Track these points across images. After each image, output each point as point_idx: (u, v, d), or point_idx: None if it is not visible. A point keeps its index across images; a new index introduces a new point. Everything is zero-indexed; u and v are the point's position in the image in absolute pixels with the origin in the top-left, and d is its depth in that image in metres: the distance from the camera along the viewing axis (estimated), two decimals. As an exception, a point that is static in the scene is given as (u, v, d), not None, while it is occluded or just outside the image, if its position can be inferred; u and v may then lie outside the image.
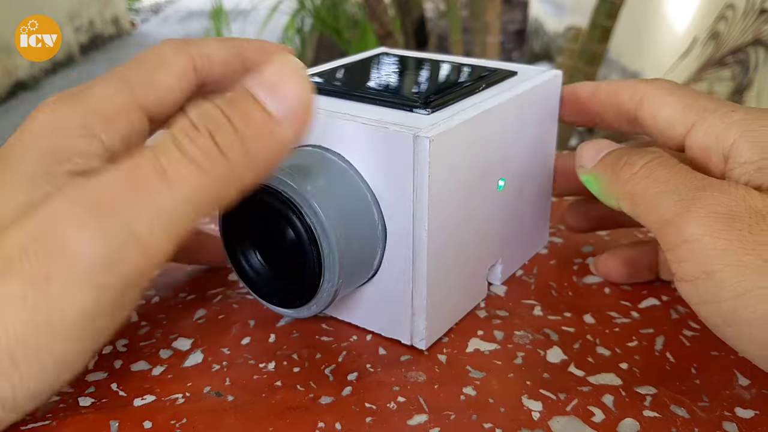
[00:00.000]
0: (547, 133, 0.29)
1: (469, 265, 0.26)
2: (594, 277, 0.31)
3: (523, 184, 0.29)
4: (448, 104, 0.25)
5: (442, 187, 0.23)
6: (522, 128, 0.27)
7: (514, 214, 0.28)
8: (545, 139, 0.29)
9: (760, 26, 1.22)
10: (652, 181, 0.22)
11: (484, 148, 0.25)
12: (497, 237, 0.28)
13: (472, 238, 0.26)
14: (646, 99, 0.26)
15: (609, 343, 0.26)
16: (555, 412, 0.22)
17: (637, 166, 0.23)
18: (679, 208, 0.20)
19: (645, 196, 0.22)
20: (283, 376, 0.24)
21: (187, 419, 0.22)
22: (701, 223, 0.20)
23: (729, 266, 0.19)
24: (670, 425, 0.22)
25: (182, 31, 3.62)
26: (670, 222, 0.21)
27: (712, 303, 0.20)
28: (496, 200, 0.27)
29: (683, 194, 0.21)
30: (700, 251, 0.20)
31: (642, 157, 0.23)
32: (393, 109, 0.24)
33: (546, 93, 0.29)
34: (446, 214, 0.24)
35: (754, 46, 1.25)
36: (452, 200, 0.24)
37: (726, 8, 1.31)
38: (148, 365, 0.25)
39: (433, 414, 0.22)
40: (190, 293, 0.30)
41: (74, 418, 0.22)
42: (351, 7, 2.60)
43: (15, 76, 2.63)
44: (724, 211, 0.20)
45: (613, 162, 0.24)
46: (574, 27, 1.48)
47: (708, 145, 0.23)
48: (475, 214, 0.26)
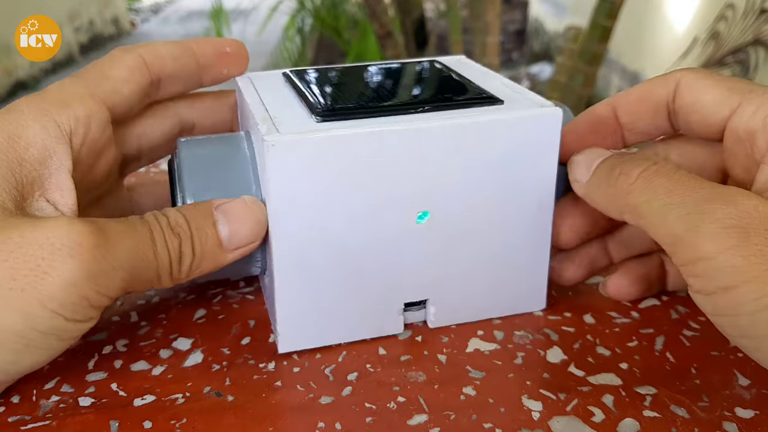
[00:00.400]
0: (534, 179, 0.25)
1: (361, 290, 0.25)
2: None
3: (478, 228, 0.25)
4: (355, 117, 0.23)
5: (297, 196, 0.23)
6: (472, 165, 0.24)
7: (456, 257, 0.25)
8: (530, 185, 0.25)
9: (760, 26, 1.22)
10: (653, 192, 0.21)
11: (383, 171, 0.23)
12: (418, 274, 0.25)
13: (365, 263, 0.24)
14: (684, 85, 0.24)
15: (609, 343, 0.26)
16: (555, 412, 0.22)
17: (634, 176, 0.22)
18: (688, 224, 0.20)
19: (649, 208, 0.21)
20: (283, 375, 0.24)
21: (187, 419, 0.22)
22: (714, 240, 0.19)
23: (747, 282, 0.19)
24: (670, 425, 0.22)
25: (182, 31, 3.62)
26: (681, 238, 0.20)
27: (729, 317, 0.20)
28: (412, 233, 0.24)
29: (690, 207, 0.20)
30: (716, 269, 0.19)
31: (637, 165, 0.22)
32: (307, 112, 0.24)
33: (531, 134, 0.24)
34: (306, 227, 0.23)
35: (754, 46, 1.24)
36: (315, 214, 0.23)
37: (726, 8, 1.31)
38: (148, 365, 0.25)
39: (433, 414, 0.22)
40: (190, 293, 0.30)
41: (74, 418, 0.22)
42: (351, 7, 2.60)
43: (15, 76, 2.63)
44: (736, 224, 0.19)
45: (607, 173, 0.23)
46: (574, 27, 1.48)
47: (754, 128, 0.22)
48: (369, 238, 0.24)
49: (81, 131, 0.23)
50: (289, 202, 0.23)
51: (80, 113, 0.23)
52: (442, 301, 0.26)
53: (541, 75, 2.72)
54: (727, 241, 0.19)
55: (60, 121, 0.23)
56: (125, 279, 0.21)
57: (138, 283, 0.22)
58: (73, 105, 0.23)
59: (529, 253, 0.26)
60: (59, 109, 0.23)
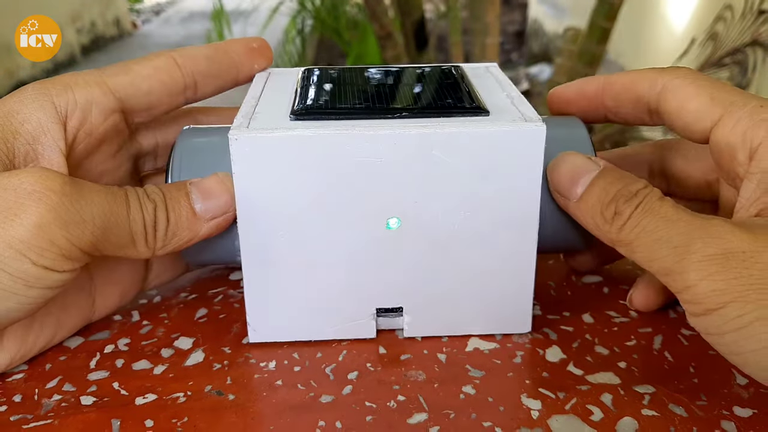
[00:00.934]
0: (514, 195, 0.24)
1: (329, 291, 0.25)
2: (593, 277, 0.31)
3: (454, 240, 0.24)
4: (328, 118, 0.23)
5: (262, 192, 0.23)
6: (445, 176, 0.23)
7: (431, 267, 0.25)
8: (510, 200, 0.24)
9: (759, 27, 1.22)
10: (642, 230, 0.22)
11: (349, 175, 0.23)
12: (390, 281, 0.25)
13: (333, 264, 0.24)
14: (669, 91, 0.24)
15: (608, 342, 0.26)
16: (554, 411, 0.22)
17: (626, 216, 0.22)
18: (675, 256, 0.21)
19: (640, 244, 0.22)
20: (283, 375, 0.24)
21: (188, 418, 0.22)
22: (697, 269, 0.20)
23: (729, 303, 0.20)
24: (669, 424, 0.22)
25: (183, 32, 3.62)
26: (671, 270, 0.21)
27: (716, 335, 0.21)
28: (381, 239, 0.24)
29: (676, 241, 0.21)
30: (701, 294, 0.20)
31: (629, 203, 0.22)
32: (290, 110, 0.24)
33: (511, 148, 0.23)
34: (272, 223, 0.24)
35: (753, 47, 1.25)
36: (281, 211, 0.23)
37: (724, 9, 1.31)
38: (150, 364, 0.25)
39: (433, 413, 0.22)
40: (192, 293, 0.30)
41: (76, 417, 0.22)
42: (351, 8, 2.60)
43: (17, 77, 2.63)
44: (715, 252, 0.20)
45: (602, 209, 0.23)
46: (573, 28, 1.48)
47: (734, 143, 0.22)
48: (336, 241, 0.24)
49: (78, 114, 0.24)
50: (255, 198, 0.23)
51: (80, 97, 0.24)
52: (417, 311, 0.26)
53: (541, 76, 2.72)
54: (709, 269, 0.20)
55: (57, 102, 0.24)
56: (96, 234, 0.21)
57: (111, 244, 0.22)
58: (75, 89, 0.24)
59: (512, 271, 0.25)
60: (59, 91, 0.24)
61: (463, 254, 0.25)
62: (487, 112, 0.24)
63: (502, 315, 0.26)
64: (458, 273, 0.25)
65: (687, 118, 0.24)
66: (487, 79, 0.29)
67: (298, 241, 0.24)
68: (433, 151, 0.23)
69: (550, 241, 0.26)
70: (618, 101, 0.26)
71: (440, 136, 0.23)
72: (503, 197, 0.24)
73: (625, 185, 0.23)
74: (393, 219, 0.24)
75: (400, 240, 0.24)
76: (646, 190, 0.22)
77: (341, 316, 0.26)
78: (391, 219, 0.24)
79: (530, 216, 0.24)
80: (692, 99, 0.24)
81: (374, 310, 0.26)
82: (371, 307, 0.26)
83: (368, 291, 0.25)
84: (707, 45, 1.33)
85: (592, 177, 0.23)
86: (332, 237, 0.24)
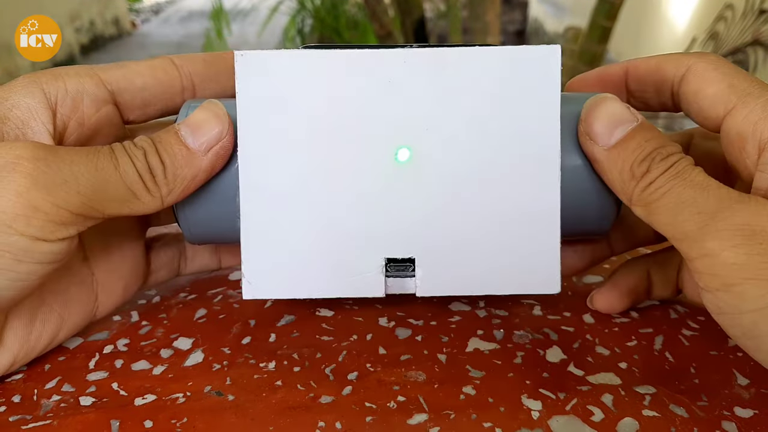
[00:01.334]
0: (532, 128, 0.23)
1: (335, 236, 0.23)
2: (594, 277, 0.31)
3: (468, 178, 0.23)
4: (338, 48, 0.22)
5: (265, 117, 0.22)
6: (457, 104, 0.22)
7: (444, 211, 0.23)
8: (528, 134, 0.23)
9: (759, 27, 1.22)
10: (668, 190, 0.21)
11: (356, 100, 0.22)
12: (401, 225, 0.23)
13: (339, 203, 0.23)
14: (691, 72, 0.24)
15: (608, 342, 0.26)
16: (554, 412, 0.22)
17: (655, 174, 0.21)
18: (698, 222, 0.20)
19: (662, 205, 0.21)
20: (283, 375, 0.24)
21: (187, 418, 0.22)
22: (719, 238, 0.19)
23: (749, 280, 0.19)
24: (670, 425, 0.22)
25: (183, 31, 3.62)
26: (689, 235, 0.20)
27: (731, 315, 0.20)
28: (391, 174, 0.23)
29: (701, 207, 0.20)
30: (720, 266, 0.19)
31: (662, 163, 0.22)
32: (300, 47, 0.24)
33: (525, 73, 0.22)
34: (273, 154, 0.23)
35: (753, 46, 1.25)
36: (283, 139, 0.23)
37: (725, 9, 1.31)
38: (149, 365, 0.25)
39: (433, 413, 0.22)
40: (191, 293, 0.30)
41: (75, 418, 0.22)
42: (351, 8, 2.60)
43: (16, 77, 2.63)
44: (742, 224, 0.19)
45: (635, 164, 0.22)
46: (573, 27, 1.48)
47: (745, 133, 0.22)
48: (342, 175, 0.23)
49: (69, 103, 0.24)
50: (256, 123, 0.23)
51: (71, 86, 0.24)
52: (430, 264, 0.24)
53: (541, 75, 2.71)
54: (732, 240, 0.19)
55: (47, 90, 0.24)
56: (85, 194, 0.21)
57: (109, 201, 0.22)
58: (65, 78, 0.24)
59: (533, 219, 0.23)
60: (50, 80, 0.24)
61: (480, 194, 0.23)
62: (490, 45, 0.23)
63: (526, 271, 0.24)
64: (474, 217, 0.23)
65: (703, 102, 0.23)
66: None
67: (300, 175, 0.23)
68: (442, 74, 0.22)
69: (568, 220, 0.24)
70: (642, 84, 0.26)
71: (453, 53, 0.22)
72: (520, 128, 0.23)
73: (662, 145, 0.22)
74: (403, 150, 0.23)
75: (411, 176, 0.23)
76: (681, 155, 0.22)
77: (347, 267, 0.24)
78: (401, 149, 0.23)
79: (550, 152, 0.23)
80: (712, 84, 0.23)
81: (383, 261, 0.24)
82: (379, 257, 0.24)
83: (376, 237, 0.23)
84: (708, 44, 1.33)
85: (631, 128, 0.23)
86: (337, 170, 0.23)
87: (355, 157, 0.23)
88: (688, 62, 0.24)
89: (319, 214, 0.23)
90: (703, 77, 0.23)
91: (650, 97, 0.26)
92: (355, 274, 0.24)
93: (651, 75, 0.25)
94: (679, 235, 0.21)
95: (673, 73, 0.24)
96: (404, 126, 0.23)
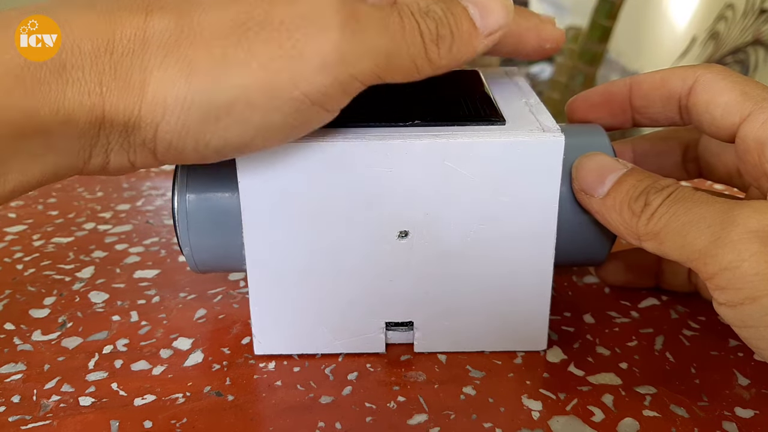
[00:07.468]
0: (530, 208, 0.23)
1: (337, 302, 0.24)
2: (594, 277, 0.31)
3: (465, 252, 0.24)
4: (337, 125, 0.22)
5: (269, 197, 0.23)
6: (456, 186, 0.23)
7: (442, 281, 0.24)
8: (526, 213, 0.23)
9: (760, 26, 1.22)
10: (672, 215, 0.21)
11: (355, 184, 0.23)
12: (400, 293, 0.24)
13: (341, 273, 0.24)
14: (700, 84, 0.23)
15: (609, 342, 0.26)
16: (555, 412, 0.22)
17: (656, 205, 0.21)
18: (710, 236, 0.19)
19: (669, 231, 0.21)
20: (283, 375, 0.24)
21: (187, 419, 0.22)
22: (737, 248, 0.19)
23: None
24: (670, 425, 0.22)
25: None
26: (704, 251, 0.19)
27: (757, 328, 0.19)
28: (390, 250, 0.23)
29: (710, 220, 0.20)
30: (741, 278, 0.19)
31: (660, 193, 0.22)
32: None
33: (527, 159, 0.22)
34: (279, 229, 0.23)
35: (754, 46, 1.25)
36: (289, 217, 0.23)
37: (726, 8, 1.31)
38: (149, 365, 0.25)
39: (433, 414, 0.22)
40: (191, 293, 0.30)
41: (74, 418, 0.22)
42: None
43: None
44: (757, 230, 0.19)
45: (631, 202, 0.22)
46: (573, 27, 1.48)
47: (763, 138, 0.21)
48: (344, 249, 0.23)
49: None
50: (261, 207, 0.23)
51: None
52: (428, 326, 0.25)
53: (541, 75, 2.71)
54: (750, 248, 0.19)
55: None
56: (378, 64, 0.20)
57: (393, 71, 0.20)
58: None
59: (527, 287, 0.24)
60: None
61: (476, 268, 0.24)
62: (503, 120, 0.23)
63: (516, 332, 0.25)
64: (471, 287, 0.24)
65: (715, 112, 0.23)
66: (506, 84, 0.28)
67: (305, 252, 0.23)
68: (445, 162, 0.22)
69: (563, 255, 0.25)
70: (647, 100, 0.26)
71: (453, 146, 0.22)
72: (519, 210, 0.23)
73: (656, 180, 0.22)
74: (404, 231, 0.23)
75: (411, 252, 0.23)
76: (677, 184, 0.22)
77: (349, 329, 0.25)
78: (400, 230, 0.23)
79: (547, 229, 0.23)
80: (723, 93, 0.23)
81: (383, 324, 0.25)
82: (380, 320, 0.25)
83: (377, 304, 0.24)
84: (708, 44, 1.33)
85: (621, 174, 0.23)
86: (340, 248, 0.23)
87: (357, 237, 0.23)
88: (696, 74, 0.24)
89: (323, 286, 0.24)
90: (713, 87, 0.23)
91: (656, 111, 0.26)
92: (357, 335, 0.25)
93: (656, 90, 0.25)
94: (694, 254, 0.20)
95: (681, 86, 0.24)
96: (404, 211, 0.23)
